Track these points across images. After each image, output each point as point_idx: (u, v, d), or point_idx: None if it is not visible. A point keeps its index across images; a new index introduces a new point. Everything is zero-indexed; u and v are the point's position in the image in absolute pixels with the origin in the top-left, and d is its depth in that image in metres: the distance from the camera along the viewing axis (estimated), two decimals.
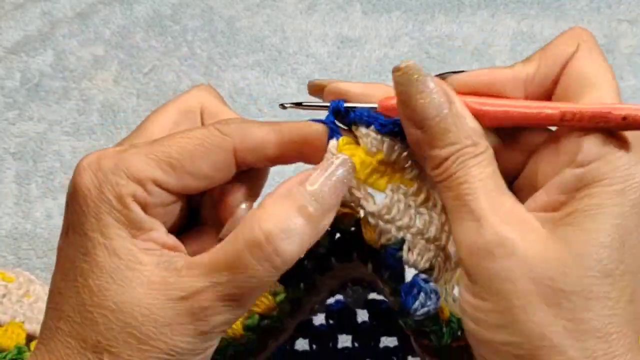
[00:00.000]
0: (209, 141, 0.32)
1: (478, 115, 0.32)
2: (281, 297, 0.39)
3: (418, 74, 0.31)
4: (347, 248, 0.37)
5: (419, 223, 0.35)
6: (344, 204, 0.35)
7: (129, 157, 0.31)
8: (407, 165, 0.35)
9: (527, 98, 0.33)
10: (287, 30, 0.80)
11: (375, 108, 0.35)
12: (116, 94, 0.76)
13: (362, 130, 0.35)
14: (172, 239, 0.33)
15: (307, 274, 0.38)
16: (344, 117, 0.35)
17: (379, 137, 0.34)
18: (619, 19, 0.79)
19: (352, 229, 0.36)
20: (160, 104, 0.35)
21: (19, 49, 0.79)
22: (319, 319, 0.49)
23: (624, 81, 0.74)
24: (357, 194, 0.34)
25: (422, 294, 0.34)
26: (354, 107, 0.35)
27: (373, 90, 0.35)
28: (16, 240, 0.67)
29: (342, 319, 0.48)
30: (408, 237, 0.34)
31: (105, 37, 0.80)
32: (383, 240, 0.34)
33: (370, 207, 0.34)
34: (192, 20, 0.81)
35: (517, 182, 0.34)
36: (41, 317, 0.46)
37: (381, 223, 0.34)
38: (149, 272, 0.31)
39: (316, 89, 0.37)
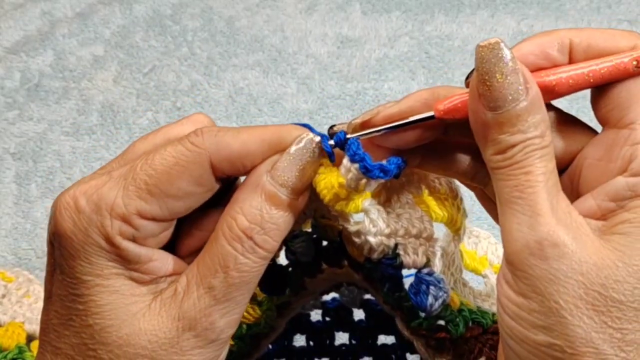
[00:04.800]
0: (184, 158, 0.31)
1: (549, 88, 0.31)
2: (265, 306, 0.39)
3: (503, 53, 0.30)
4: (336, 255, 0.37)
5: (402, 224, 0.34)
6: (324, 216, 0.35)
7: (107, 193, 0.30)
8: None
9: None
10: (286, 30, 0.80)
11: (429, 117, 0.33)
12: (116, 94, 0.76)
13: (345, 162, 0.33)
14: (172, 263, 0.32)
15: (293, 280, 0.38)
16: (340, 145, 0.34)
17: (360, 176, 0.32)
18: (619, 19, 0.79)
19: (338, 239, 0.36)
20: (160, 104, 0.34)
21: (19, 49, 0.79)
22: (316, 316, 0.49)
23: None
24: (333, 212, 0.34)
25: (432, 287, 0.34)
26: (347, 138, 0.33)
27: (416, 102, 0.34)
28: (16, 240, 0.67)
29: (338, 316, 0.48)
30: (399, 240, 0.34)
31: (105, 37, 0.80)
32: (376, 255, 0.34)
33: (353, 227, 0.34)
34: (192, 20, 0.81)
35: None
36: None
37: (370, 238, 0.33)
38: (149, 302, 0.31)
39: (363, 125, 0.35)
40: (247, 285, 0.32)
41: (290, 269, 0.38)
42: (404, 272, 0.35)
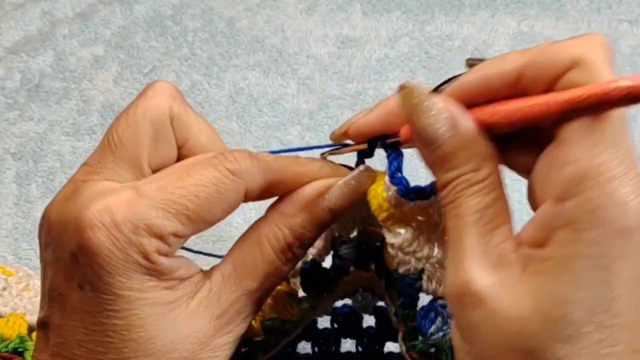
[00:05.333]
0: (223, 187, 0.32)
1: (489, 126, 0.30)
2: (305, 304, 0.39)
3: (419, 97, 0.30)
4: (366, 258, 0.38)
5: (438, 253, 0.34)
6: (372, 224, 0.36)
7: (146, 213, 0.30)
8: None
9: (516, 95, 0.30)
10: (287, 30, 0.80)
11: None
12: (116, 94, 0.76)
13: (387, 181, 0.34)
14: (191, 267, 0.33)
15: (331, 281, 0.39)
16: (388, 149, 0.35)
17: (398, 196, 0.33)
18: (619, 19, 0.79)
19: (377, 244, 0.38)
20: None
21: (19, 49, 0.79)
22: (323, 322, 0.49)
23: None
24: (380, 222, 0.35)
25: (439, 318, 0.34)
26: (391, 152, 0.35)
27: (384, 113, 0.34)
28: (16, 240, 0.67)
29: (347, 323, 0.48)
30: (427, 267, 0.34)
31: (105, 37, 0.80)
32: (401, 270, 0.35)
33: (391, 238, 0.35)
34: (193, 20, 0.81)
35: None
36: None
37: (400, 254, 0.35)
38: (185, 305, 0.32)
39: (342, 137, 0.36)
40: (273, 289, 0.35)
41: (331, 273, 0.39)
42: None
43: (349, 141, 0.36)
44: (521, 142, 0.32)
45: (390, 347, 0.49)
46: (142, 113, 0.34)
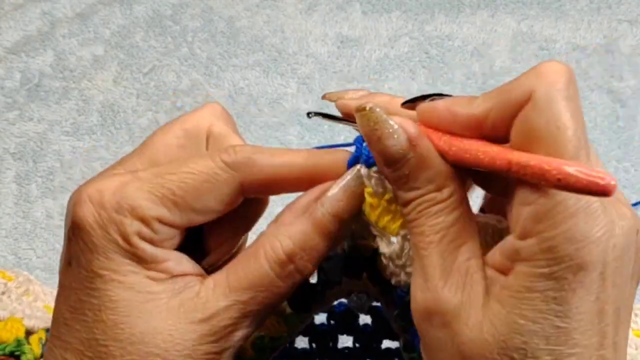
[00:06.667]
0: (215, 177, 0.31)
1: (445, 155, 0.30)
2: (293, 321, 0.39)
3: (377, 120, 0.29)
4: (358, 267, 0.37)
5: None
6: (363, 237, 0.35)
7: (132, 194, 0.30)
8: None
9: (484, 139, 0.30)
10: (287, 30, 0.80)
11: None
12: (116, 94, 0.76)
13: (363, 171, 0.33)
14: (186, 264, 0.33)
15: (318, 295, 0.39)
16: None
17: (369, 172, 0.33)
18: (619, 19, 0.79)
19: (370, 254, 0.36)
20: (160, 104, 0.35)
21: (19, 49, 0.79)
22: (320, 318, 0.49)
23: (624, 81, 0.74)
24: (374, 231, 0.34)
25: None
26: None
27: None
28: (16, 240, 0.67)
29: (344, 320, 0.48)
30: None
31: (105, 37, 0.80)
32: (393, 281, 0.34)
33: (384, 248, 0.34)
34: (192, 20, 0.81)
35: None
36: (40, 314, 0.46)
37: (391, 265, 0.34)
38: (166, 300, 0.31)
39: (330, 100, 0.36)
40: (272, 306, 0.32)
41: (319, 287, 0.38)
42: None
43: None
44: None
45: (388, 343, 0.49)
46: (180, 122, 0.34)
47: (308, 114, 0.36)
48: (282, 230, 0.32)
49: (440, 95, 0.31)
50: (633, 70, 0.75)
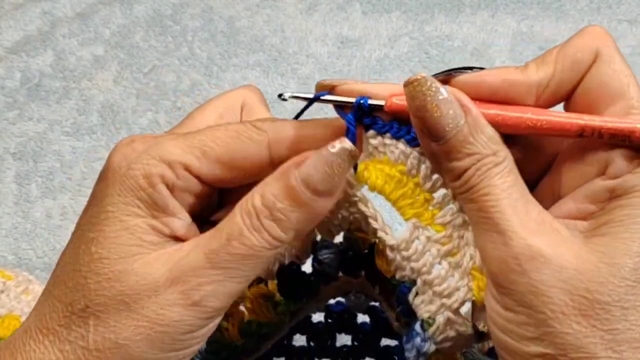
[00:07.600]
0: (245, 134, 0.33)
1: (493, 124, 0.31)
2: (282, 308, 0.39)
3: (430, 86, 0.31)
4: (355, 265, 0.37)
5: (434, 273, 0.33)
6: (359, 229, 0.35)
7: (162, 141, 0.32)
8: (435, 188, 0.34)
9: (538, 104, 0.32)
10: (287, 30, 0.80)
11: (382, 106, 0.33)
12: (116, 93, 0.76)
13: (387, 141, 0.33)
14: (193, 230, 0.33)
15: (311, 286, 0.38)
16: (362, 117, 0.34)
17: (408, 150, 0.33)
18: (619, 19, 0.79)
19: (365, 251, 0.36)
20: (160, 104, 0.35)
21: (19, 49, 0.79)
22: (318, 316, 0.49)
23: None
24: (374, 224, 0.34)
25: (417, 339, 0.33)
26: (375, 117, 0.34)
27: (387, 91, 0.34)
28: (16, 240, 0.67)
29: (342, 319, 0.48)
30: (419, 281, 0.33)
31: (105, 37, 0.80)
32: (398, 276, 0.34)
33: (390, 240, 0.33)
34: (192, 20, 0.81)
35: (538, 188, 0.34)
36: None
37: (398, 258, 0.33)
38: (153, 252, 0.31)
39: (326, 90, 0.36)
40: (246, 262, 0.31)
41: (312, 277, 0.38)
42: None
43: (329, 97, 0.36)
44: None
45: (387, 340, 0.49)
46: (219, 97, 0.37)
47: (279, 95, 0.37)
48: (258, 187, 0.32)
49: (470, 68, 0.33)
50: (632, 69, 0.75)
